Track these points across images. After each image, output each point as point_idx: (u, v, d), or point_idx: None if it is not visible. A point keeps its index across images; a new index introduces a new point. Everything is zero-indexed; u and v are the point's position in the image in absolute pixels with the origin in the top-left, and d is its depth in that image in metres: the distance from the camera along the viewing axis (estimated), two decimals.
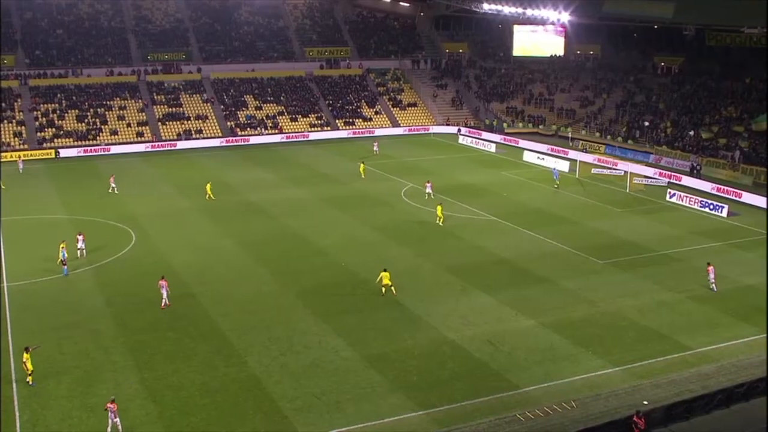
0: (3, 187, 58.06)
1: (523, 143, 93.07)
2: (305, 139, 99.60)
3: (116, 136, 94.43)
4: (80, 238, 48.09)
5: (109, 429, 27.77)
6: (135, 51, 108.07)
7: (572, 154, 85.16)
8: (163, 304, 39.54)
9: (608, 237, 53.90)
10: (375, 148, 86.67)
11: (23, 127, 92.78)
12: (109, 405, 28.03)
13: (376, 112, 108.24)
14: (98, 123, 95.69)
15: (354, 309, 40.12)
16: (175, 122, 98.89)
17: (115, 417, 27.83)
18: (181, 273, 45.78)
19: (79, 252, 47.66)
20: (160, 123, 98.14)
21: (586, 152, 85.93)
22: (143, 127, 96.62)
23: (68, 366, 33.27)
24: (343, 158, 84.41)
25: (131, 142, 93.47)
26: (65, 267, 44.97)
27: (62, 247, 45.83)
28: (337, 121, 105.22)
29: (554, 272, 45.95)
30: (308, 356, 34.57)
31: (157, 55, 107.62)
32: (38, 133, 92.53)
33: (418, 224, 55.94)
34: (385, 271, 41.89)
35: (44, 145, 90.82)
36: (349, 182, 72.30)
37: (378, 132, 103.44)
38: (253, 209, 62.07)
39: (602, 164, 79.08)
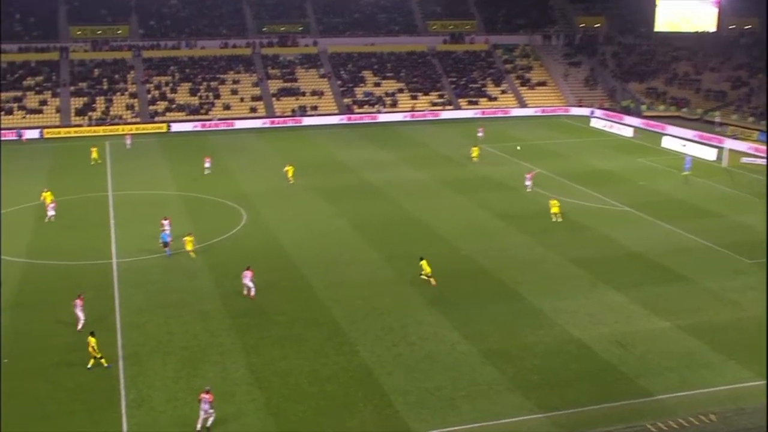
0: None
1: (664, 128, 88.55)
2: (425, 118, 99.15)
3: (229, 111, 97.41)
4: (166, 222, 47.90)
5: (200, 422, 27.64)
6: (250, 22, 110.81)
7: (720, 141, 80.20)
8: (250, 294, 39.58)
9: (757, 233, 50.20)
10: (479, 134, 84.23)
11: (135, 100, 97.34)
12: (203, 395, 27.84)
13: (503, 92, 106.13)
14: (211, 97, 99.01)
15: (473, 300, 39.34)
16: (289, 98, 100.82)
17: (210, 408, 27.52)
18: (292, 254, 46.36)
19: (166, 236, 47.33)
20: (274, 98, 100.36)
21: (736, 139, 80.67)
22: (257, 102, 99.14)
23: (175, 346, 34.22)
24: (465, 139, 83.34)
25: (244, 117, 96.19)
26: (168, 249, 46.11)
27: (163, 229, 47.09)
28: (459, 100, 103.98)
29: (693, 270, 43.24)
30: (423, 348, 34.06)
31: (273, 26, 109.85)
32: (150, 107, 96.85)
33: (543, 212, 54.24)
34: (422, 259, 41.34)
35: (156, 118, 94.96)
36: (469, 164, 71.39)
37: (503, 113, 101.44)
38: (370, 190, 62.38)
39: (755, 153, 73.92)
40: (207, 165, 68.06)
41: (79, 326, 35.56)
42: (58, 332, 35.39)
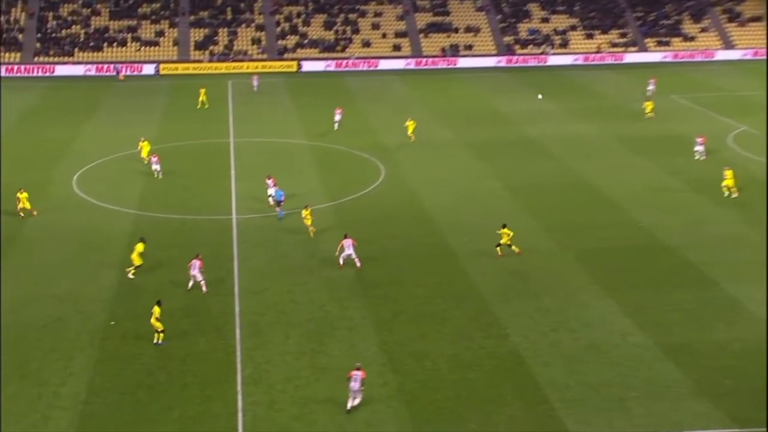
0: None
1: None
2: (603, 62, 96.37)
3: (369, 49, 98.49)
4: (270, 182, 48.68)
5: (350, 401, 28.66)
6: None
7: None
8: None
9: None
10: (650, 87, 79.79)
11: (262, 33, 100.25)
12: (354, 372, 28.74)
13: (703, 29, 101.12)
14: (348, 32, 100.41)
15: (651, 283, 38.19)
16: (439, 34, 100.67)
17: (361, 386, 28.46)
18: (435, 218, 46.62)
19: (270, 199, 48.37)
20: (421, 35, 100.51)
21: None
22: (401, 39, 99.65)
23: (299, 318, 35.34)
24: (650, 88, 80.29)
25: (386, 57, 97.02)
26: (279, 209, 47.10)
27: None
28: (646, 40, 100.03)
29: None
30: (586, 336, 33.46)
31: None
32: (279, 42, 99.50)
33: (746, 180, 51.51)
34: (504, 227, 40.82)
35: (285, 56, 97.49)
36: (653, 120, 68.80)
37: (702, 57, 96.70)
38: (530, 147, 61.71)
39: None
40: (337, 118, 67.43)
41: (204, 288, 37.43)
42: (171, 294, 37.40)
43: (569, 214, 46.96)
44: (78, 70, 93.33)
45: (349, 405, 28.54)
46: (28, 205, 46.85)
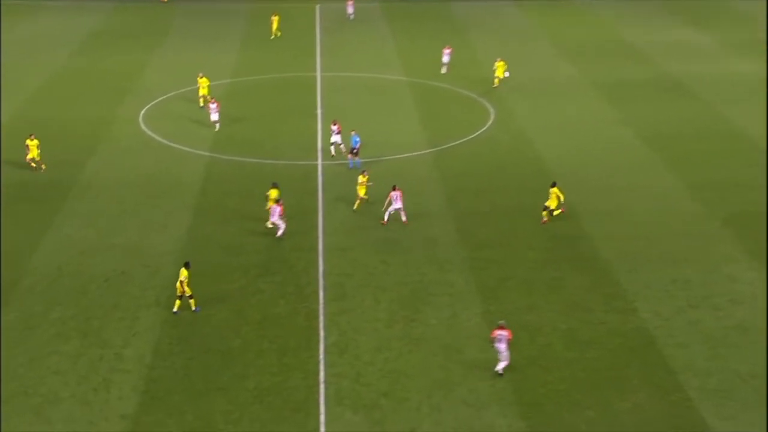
0: None
1: None
2: None
3: None
4: (334, 128, 48.17)
5: (500, 364, 29.27)
6: None
7: None
8: (402, 219, 39.84)
9: None
10: None
11: None
12: (498, 331, 29.28)
13: None
14: None
15: None
16: None
17: (506, 349, 29.02)
18: (552, 171, 46.02)
19: (332, 147, 48.38)
20: None
21: None
22: None
23: (391, 281, 35.54)
24: None
25: None
26: (351, 157, 46.93)
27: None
28: None
29: None
30: (734, 315, 32.76)
31: None
32: None
33: None
34: (554, 186, 40.62)
35: None
36: None
37: None
38: (672, 88, 60.38)
39: None
40: (445, 59, 65.11)
41: (279, 232, 38.26)
42: (248, 247, 38.09)
43: (718, 170, 45.97)
44: None
45: (499, 367, 29.25)
46: (37, 155, 46.48)
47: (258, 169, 46.82)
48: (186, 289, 32.98)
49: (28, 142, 46.18)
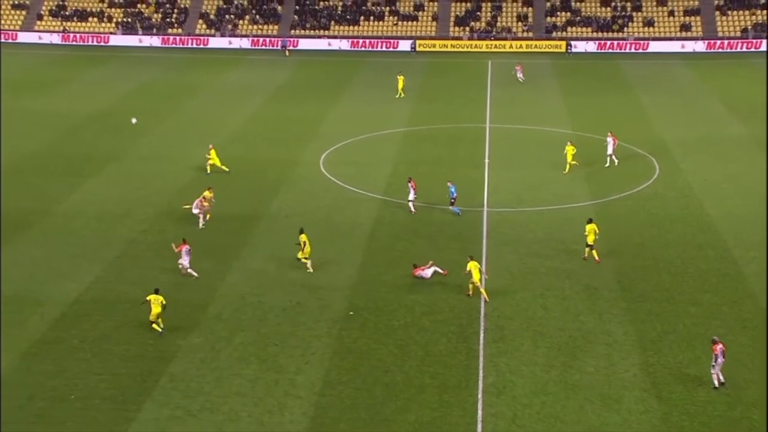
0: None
1: None
2: None
3: (651, 28, 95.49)
4: (411, 185, 47.12)
5: (715, 378, 29.83)
6: None
7: None
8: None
9: None
10: None
11: (530, 9, 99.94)
12: (718, 346, 29.91)
13: None
14: (628, 9, 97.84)
15: None
16: (742, 11, 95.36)
17: (722, 357, 29.74)
18: (720, 227, 44.69)
19: (411, 205, 47.36)
20: (718, 12, 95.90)
21: None
22: (692, 18, 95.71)
23: (551, 327, 35.06)
24: None
25: (671, 38, 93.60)
26: (453, 208, 46.76)
27: (450, 184, 47.56)
28: None
29: None
30: None
31: None
32: (547, 18, 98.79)
33: None
34: (590, 222, 41.65)
35: (554, 34, 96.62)
36: None
37: None
38: None
39: None
40: (609, 150, 54.89)
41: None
42: (413, 288, 38.40)
43: None
44: (323, 44, 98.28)
45: (716, 382, 29.95)
46: (217, 162, 52.88)
47: (426, 214, 47.15)
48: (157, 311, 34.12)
49: (211, 152, 52.79)
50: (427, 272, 38.67)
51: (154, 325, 34.46)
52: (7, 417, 29.02)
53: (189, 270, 39.28)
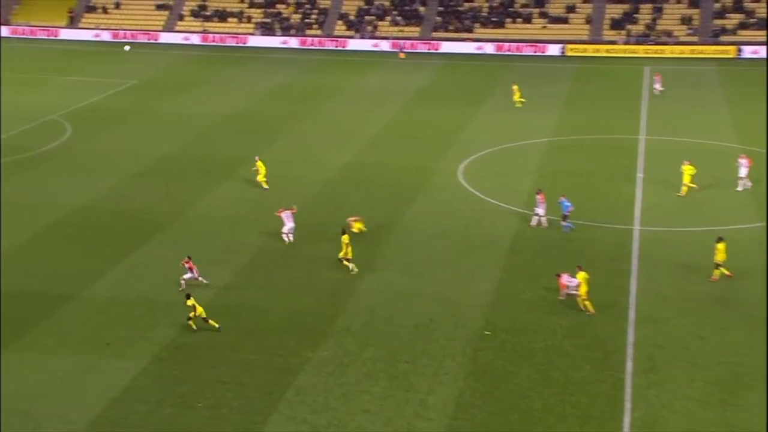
0: None
1: None
2: None
3: None
4: (539, 198, 46.29)
5: None
6: None
7: None
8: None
9: None
10: None
11: (695, 11, 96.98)
12: None
13: None
14: None
15: None
16: None
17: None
18: None
19: (534, 218, 46.60)
20: None
21: None
22: None
23: (708, 359, 33.79)
24: None
25: None
26: (565, 223, 45.85)
27: (560, 199, 46.36)
28: None
29: None
30: None
31: None
32: (715, 21, 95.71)
33: None
34: (720, 241, 39.52)
35: (722, 38, 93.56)
36: None
37: None
38: None
39: None
40: (743, 173, 52.83)
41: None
42: (555, 308, 37.71)
43: None
44: (467, 47, 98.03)
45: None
46: (262, 177, 52.07)
47: (559, 229, 46.33)
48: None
49: (257, 164, 52.44)
50: (574, 282, 37.82)
51: (211, 321, 35.68)
52: (136, 422, 29.95)
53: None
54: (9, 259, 42.87)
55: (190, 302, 35.44)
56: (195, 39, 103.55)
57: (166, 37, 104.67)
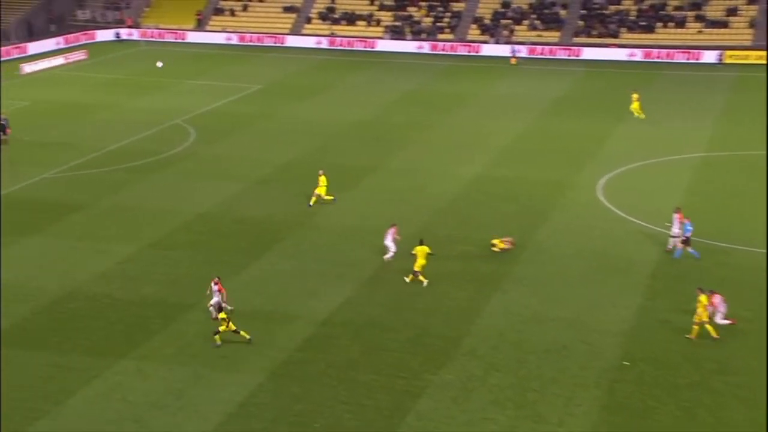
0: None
1: None
2: None
3: None
4: (675, 217, 44.57)
5: None
6: None
7: None
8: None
9: None
10: None
11: None
12: None
13: None
14: None
15: None
16: None
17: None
18: None
19: (671, 240, 45.05)
20: None
21: None
22: None
23: None
24: None
25: None
26: (681, 248, 44.24)
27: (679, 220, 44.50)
28: None
29: None
30: None
31: None
32: None
33: None
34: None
35: None
36: None
37: None
38: None
39: None
40: None
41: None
42: (704, 339, 36.42)
43: None
44: (611, 53, 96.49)
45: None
46: (323, 192, 51.27)
47: (724, 255, 45.14)
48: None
49: (320, 179, 51.59)
50: (722, 307, 36.59)
51: (242, 332, 36.07)
52: None
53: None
54: (131, 264, 44.20)
55: (222, 315, 35.83)
56: (322, 42, 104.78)
57: (292, 41, 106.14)
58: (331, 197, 51.84)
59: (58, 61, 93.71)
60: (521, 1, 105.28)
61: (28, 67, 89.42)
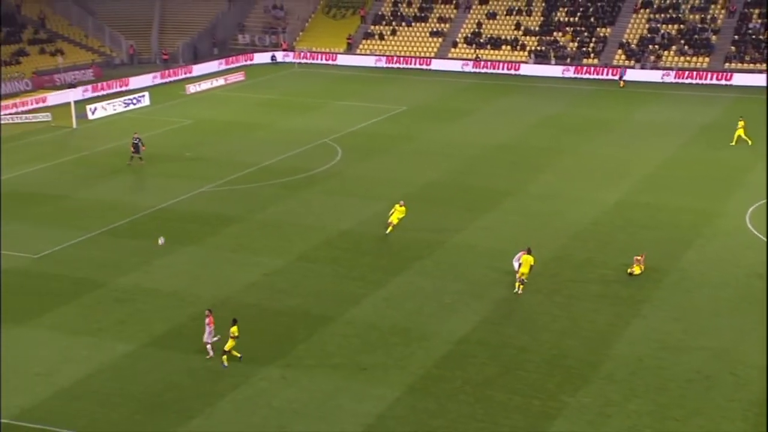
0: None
1: None
2: None
3: None
4: None
5: None
6: None
7: None
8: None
9: None
10: None
11: None
12: None
13: None
14: None
15: None
16: None
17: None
18: None
19: None
20: None
21: None
22: None
23: None
24: None
25: None
26: None
27: None
28: None
29: None
30: None
31: None
32: None
33: None
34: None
35: None
36: None
37: None
38: None
39: None
40: None
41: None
42: None
43: None
44: (762, 80, 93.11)
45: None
46: (395, 220, 50.10)
47: None
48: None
49: (397, 206, 50.50)
50: None
51: (234, 352, 35.82)
52: None
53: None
54: (278, 276, 45.05)
55: (233, 329, 35.80)
56: (467, 66, 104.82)
57: (438, 64, 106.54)
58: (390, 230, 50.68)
59: (219, 82, 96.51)
60: (670, 28, 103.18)
61: (192, 88, 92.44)
